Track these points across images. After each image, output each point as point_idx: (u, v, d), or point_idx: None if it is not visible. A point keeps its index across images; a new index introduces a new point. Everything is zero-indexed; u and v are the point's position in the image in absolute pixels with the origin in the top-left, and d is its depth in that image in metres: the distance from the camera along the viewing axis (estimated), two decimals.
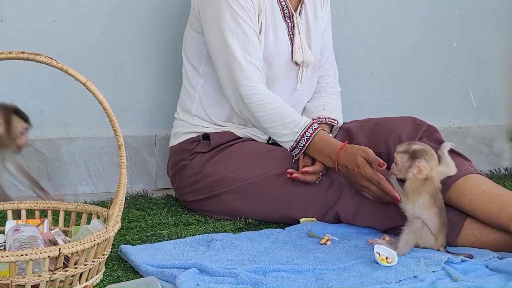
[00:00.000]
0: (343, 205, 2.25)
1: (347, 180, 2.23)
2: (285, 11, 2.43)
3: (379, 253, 1.95)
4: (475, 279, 1.87)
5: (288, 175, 2.27)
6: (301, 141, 2.27)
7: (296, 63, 2.46)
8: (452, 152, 2.33)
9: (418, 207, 2.05)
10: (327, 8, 2.59)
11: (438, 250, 2.07)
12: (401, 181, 2.09)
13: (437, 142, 2.34)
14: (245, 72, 2.31)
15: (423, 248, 2.07)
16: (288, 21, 2.44)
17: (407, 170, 2.05)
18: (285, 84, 2.46)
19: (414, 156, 2.04)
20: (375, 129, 2.39)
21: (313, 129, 2.28)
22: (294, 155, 2.30)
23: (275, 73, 2.42)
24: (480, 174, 2.25)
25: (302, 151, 2.28)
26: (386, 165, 2.11)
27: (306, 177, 2.26)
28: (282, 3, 2.43)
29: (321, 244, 2.12)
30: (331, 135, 2.42)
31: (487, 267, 1.96)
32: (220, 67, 2.36)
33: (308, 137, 2.26)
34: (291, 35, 2.44)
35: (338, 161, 2.21)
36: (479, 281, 1.85)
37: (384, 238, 2.14)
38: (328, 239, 2.13)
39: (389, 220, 2.18)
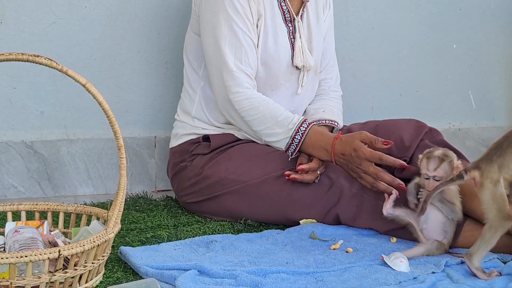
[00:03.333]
0: (343, 206, 2.25)
1: (344, 170, 2.23)
2: (286, 15, 2.43)
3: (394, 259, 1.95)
4: (476, 281, 1.87)
5: (286, 177, 2.27)
6: (296, 136, 2.27)
7: (296, 67, 2.46)
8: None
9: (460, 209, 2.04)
10: (330, 11, 2.59)
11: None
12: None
13: (440, 144, 2.35)
14: (236, 79, 2.31)
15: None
16: (289, 25, 2.44)
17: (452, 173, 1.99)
18: (286, 88, 2.46)
19: (445, 159, 2.01)
20: (376, 131, 2.40)
21: (307, 124, 2.28)
22: (290, 153, 2.31)
23: (275, 77, 2.42)
24: None
25: (298, 148, 2.28)
26: (392, 143, 2.11)
27: (304, 177, 2.26)
28: (283, 7, 2.43)
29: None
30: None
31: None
32: (211, 71, 2.37)
33: (303, 132, 2.27)
34: (292, 39, 2.44)
35: (334, 150, 2.21)
36: (480, 283, 1.85)
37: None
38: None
39: (390, 222, 2.17)
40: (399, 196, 2.14)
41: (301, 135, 2.27)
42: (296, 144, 2.28)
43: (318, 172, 2.28)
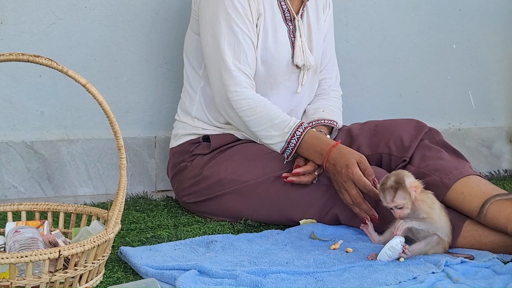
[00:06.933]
0: (343, 207, 2.25)
1: (331, 178, 2.23)
2: (286, 14, 2.43)
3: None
4: (475, 281, 1.87)
5: (284, 180, 2.28)
6: (292, 140, 2.28)
7: (297, 66, 2.46)
8: (452, 153, 2.34)
9: (439, 217, 2.03)
10: (330, 11, 2.59)
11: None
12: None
13: (439, 144, 2.35)
14: (235, 78, 2.32)
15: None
16: (290, 24, 2.44)
17: (410, 200, 1.99)
18: (286, 87, 2.46)
19: (398, 186, 1.99)
20: (376, 131, 2.40)
21: (304, 128, 2.28)
22: (285, 157, 2.31)
23: (274, 76, 2.43)
24: (479, 175, 2.25)
25: (294, 151, 2.28)
26: (377, 183, 2.10)
27: (301, 179, 2.26)
28: (283, 6, 2.43)
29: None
30: (328, 136, 2.42)
31: (487, 268, 1.96)
32: (210, 70, 2.37)
33: (298, 136, 2.27)
34: (292, 38, 2.44)
35: (328, 157, 2.21)
36: (480, 283, 1.85)
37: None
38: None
39: (387, 222, 2.17)
40: (377, 221, 2.15)
41: (296, 139, 2.27)
42: (292, 148, 2.28)
43: (316, 173, 2.28)
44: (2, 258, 1.62)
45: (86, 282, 1.78)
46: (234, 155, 2.38)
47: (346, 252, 2.06)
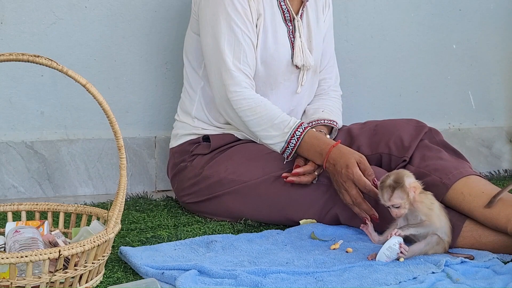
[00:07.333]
0: (343, 207, 2.25)
1: (331, 178, 2.23)
2: (286, 15, 2.43)
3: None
4: (475, 281, 1.87)
5: (284, 179, 2.28)
6: (291, 140, 2.28)
7: (296, 66, 2.46)
8: (452, 153, 2.34)
9: (438, 218, 2.03)
10: (329, 11, 2.59)
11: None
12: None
13: (439, 144, 2.35)
14: (235, 78, 2.32)
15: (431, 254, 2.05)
16: (289, 24, 2.45)
17: (408, 200, 2.00)
18: (286, 87, 2.47)
19: (396, 186, 1.99)
20: (376, 131, 2.40)
21: (303, 128, 2.28)
22: (285, 157, 2.31)
23: (274, 76, 2.43)
24: (479, 175, 2.25)
25: (294, 151, 2.28)
26: (377, 183, 2.11)
27: (301, 179, 2.26)
28: (283, 6, 2.43)
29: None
30: (328, 136, 2.42)
31: (487, 268, 1.96)
32: (210, 70, 2.37)
33: (298, 136, 2.27)
34: (292, 38, 2.44)
35: (328, 157, 2.21)
36: (480, 283, 1.85)
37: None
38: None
39: (387, 222, 2.18)
40: (377, 221, 2.15)
41: (296, 140, 2.27)
42: (291, 148, 2.28)
43: (316, 173, 2.28)
44: (2, 258, 1.62)
45: (86, 282, 1.78)
46: (234, 155, 2.38)
47: (346, 252, 2.06)
